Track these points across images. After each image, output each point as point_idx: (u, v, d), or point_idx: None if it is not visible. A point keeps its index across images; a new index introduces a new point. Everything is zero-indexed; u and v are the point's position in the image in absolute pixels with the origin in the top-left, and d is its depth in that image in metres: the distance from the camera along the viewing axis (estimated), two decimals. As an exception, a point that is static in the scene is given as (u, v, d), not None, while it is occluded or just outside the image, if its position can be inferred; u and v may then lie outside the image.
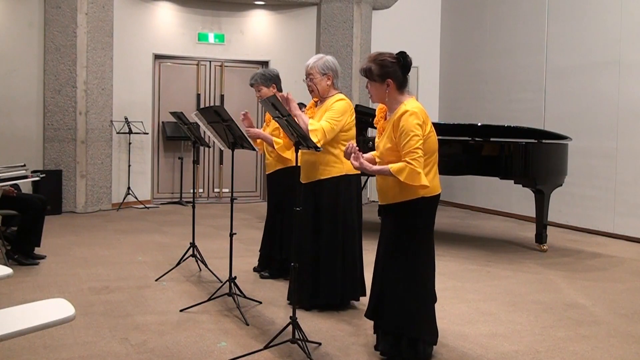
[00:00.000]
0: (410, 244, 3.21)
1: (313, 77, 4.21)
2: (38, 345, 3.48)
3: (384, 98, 3.22)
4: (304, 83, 4.31)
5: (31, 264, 5.37)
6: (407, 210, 3.19)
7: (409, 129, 3.06)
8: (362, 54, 9.87)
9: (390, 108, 3.25)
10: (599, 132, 7.59)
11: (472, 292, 4.86)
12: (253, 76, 5.09)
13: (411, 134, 3.05)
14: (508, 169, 6.28)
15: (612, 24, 7.47)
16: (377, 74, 3.17)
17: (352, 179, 4.19)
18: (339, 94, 4.22)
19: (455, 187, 9.90)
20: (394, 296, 3.22)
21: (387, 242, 3.28)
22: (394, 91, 3.19)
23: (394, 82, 3.17)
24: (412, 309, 3.20)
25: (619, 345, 3.71)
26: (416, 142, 3.05)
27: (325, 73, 4.20)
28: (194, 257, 5.22)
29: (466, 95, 9.95)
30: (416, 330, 3.21)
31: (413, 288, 3.20)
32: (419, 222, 3.22)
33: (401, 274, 3.20)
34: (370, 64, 3.19)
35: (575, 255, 6.41)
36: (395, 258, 3.22)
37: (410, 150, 3.05)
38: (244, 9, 10.05)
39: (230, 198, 4.36)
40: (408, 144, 3.05)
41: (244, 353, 3.40)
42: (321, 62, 4.22)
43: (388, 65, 3.16)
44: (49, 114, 8.44)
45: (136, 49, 9.35)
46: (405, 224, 3.21)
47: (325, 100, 4.22)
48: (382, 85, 3.18)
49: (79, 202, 8.50)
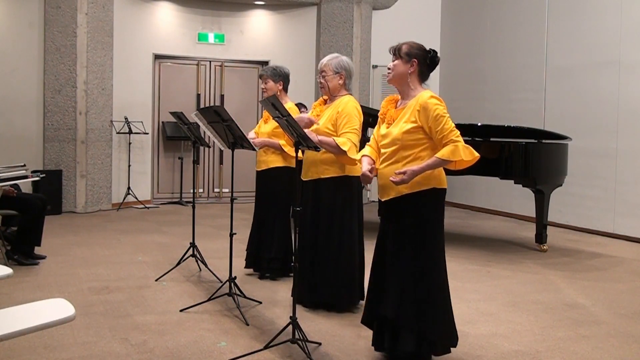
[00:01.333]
0: (425, 237, 3.14)
1: (326, 75, 4.22)
2: (38, 345, 3.47)
3: (404, 78, 3.21)
4: (303, 83, 4.32)
5: (31, 264, 5.36)
6: (420, 201, 3.13)
7: (441, 113, 3.09)
8: (362, 54, 9.87)
9: (406, 94, 3.23)
10: (599, 132, 7.59)
11: (472, 292, 4.86)
12: (265, 68, 5.13)
13: (445, 116, 3.09)
14: (508, 169, 6.29)
15: (612, 24, 7.47)
16: (405, 52, 3.20)
17: (352, 180, 4.18)
18: (348, 95, 4.22)
19: (455, 187, 9.89)
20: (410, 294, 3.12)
21: (398, 238, 3.18)
22: (415, 76, 3.21)
23: (418, 66, 3.19)
24: (430, 307, 3.12)
25: (619, 345, 3.71)
26: (450, 123, 3.10)
27: (338, 72, 4.21)
28: (194, 257, 5.22)
29: (466, 95, 9.95)
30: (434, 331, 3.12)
31: (429, 285, 3.13)
32: (433, 215, 3.16)
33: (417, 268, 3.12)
34: (402, 44, 3.24)
35: (575, 255, 6.41)
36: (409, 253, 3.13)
37: (451, 129, 3.08)
38: (244, 9, 10.05)
39: (230, 198, 4.36)
40: (447, 124, 3.08)
41: (244, 353, 3.40)
42: (336, 60, 4.24)
43: (418, 48, 3.22)
44: (49, 114, 8.45)
45: (136, 49, 9.35)
46: (419, 217, 3.14)
47: (335, 100, 4.22)
48: (407, 64, 3.19)
49: (79, 202, 8.51)
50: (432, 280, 3.16)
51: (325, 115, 4.18)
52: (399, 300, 3.15)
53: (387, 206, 3.26)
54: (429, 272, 3.15)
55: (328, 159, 4.12)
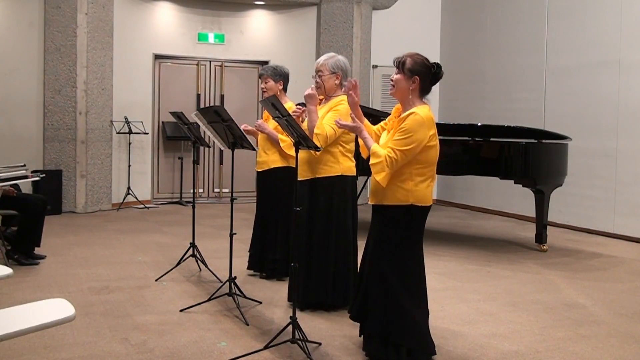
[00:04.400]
0: (398, 247, 3.18)
1: (322, 74, 4.21)
2: (38, 345, 3.48)
3: (405, 94, 3.22)
4: (303, 83, 4.32)
5: (31, 264, 5.36)
6: (396, 215, 3.17)
7: (409, 130, 3.07)
8: (362, 54, 9.87)
9: (405, 108, 3.25)
10: (599, 132, 7.59)
11: (472, 292, 4.86)
12: (265, 68, 5.11)
13: (409, 136, 3.06)
14: (508, 169, 6.28)
15: (612, 24, 7.47)
16: (408, 68, 3.20)
17: (348, 180, 4.18)
18: (343, 95, 4.21)
19: (455, 187, 9.90)
20: (377, 299, 3.20)
21: (375, 245, 3.26)
22: (416, 92, 3.21)
23: (420, 83, 3.19)
24: (396, 314, 3.16)
25: (619, 345, 3.71)
26: (406, 145, 3.06)
27: (335, 72, 4.20)
28: (194, 257, 5.22)
29: (466, 95, 9.95)
30: (400, 336, 3.16)
31: (398, 293, 3.17)
32: (408, 230, 3.20)
33: (387, 277, 3.18)
34: (407, 57, 3.23)
35: (575, 255, 6.41)
36: (382, 261, 3.20)
37: (396, 148, 3.06)
38: (244, 9, 10.05)
39: (230, 198, 4.36)
40: (400, 141, 3.07)
41: (244, 353, 3.40)
42: (332, 60, 4.22)
43: (421, 64, 3.20)
44: (49, 114, 8.45)
45: (136, 49, 9.35)
46: (395, 229, 3.19)
47: (330, 100, 4.21)
48: (409, 80, 3.19)
49: (79, 202, 8.51)
50: (401, 288, 3.18)
51: (319, 114, 4.18)
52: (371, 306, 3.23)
53: (372, 209, 3.36)
54: (399, 280, 3.18)
55: (323, 159, 4.11)
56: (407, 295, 3.19)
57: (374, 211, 3.34)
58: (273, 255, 4.98)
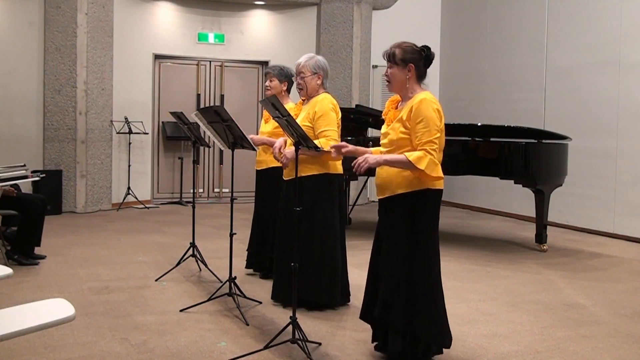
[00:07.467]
0: (418, 237, 3.14)
1: (304, 76, 4.26)
2: (38, 345, 3.48)
3: (403, 84, 3.19)
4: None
5: (31, 264, 5.36)
6: (413, 202, 3.13)
7: (429, 118, 3.04)
8: (362, 54, 9.87)
9: (405, 96, 3.23)
10: (599, 132, 7.59)
11: (472, 292, 4.86)
12: (272, 66, 5.12)
13: (431, 123, 3.04)
14: (508, 169, 6.28)
15: (612, 24, 7.47)
16: (400, 58, 3.18)
17: (333, 178, 4.19)
18: (324, 94, 4.25)
19: (455, 187, 9.90)
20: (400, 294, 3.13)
21: (391, 238, 3.20)
22: (413, 79, 3.19)
23: (415, 69, 3.18)
24: (421, 308, 3.12)
25: (619, 345, 3.71)
26: (436, 132, 3.04)
27: (316, 72, 4.25)
28: (194, 257, 5.22)
29: (466, 95, 9.95)
30: (426, 332, 3.13)
31: (421, 285, 3.13)
32: (426, 216, 3.17)
33: (408, 269, 3.13)
34: (395, 48, 3.21)
35: (575, 255, 6.41)
36: (401, 253, 3.14)
37: (430, 140, 3.03)
38: (244, 9, 10.05)
39: (230, 198, 4.36)
40: (429, 132, 3.03)
41: (244, 353, 3.40)
42: (312, 61, 4.27)
43: (412, 51, 3.18)
44: (48, 114, 8.45)
45: (136, 49, 9.35)
46: (412, 217, 3.14)
47: (311, 99, 4.27)
48: (404, 70, 3.18)
49: (79, 202, 8.51)
50: (423, 280, 3.16)
51: (302, 114, 4.23)
52: (389, 301, 3.17)
53: (382, 205, 3.29)
54: (421, 272, 3.16)
55: (309, 158, 4.10)
56: (430, 287, 3.16)
57: (384, 206, 3.27)
58: (271, 253, 4.97)
